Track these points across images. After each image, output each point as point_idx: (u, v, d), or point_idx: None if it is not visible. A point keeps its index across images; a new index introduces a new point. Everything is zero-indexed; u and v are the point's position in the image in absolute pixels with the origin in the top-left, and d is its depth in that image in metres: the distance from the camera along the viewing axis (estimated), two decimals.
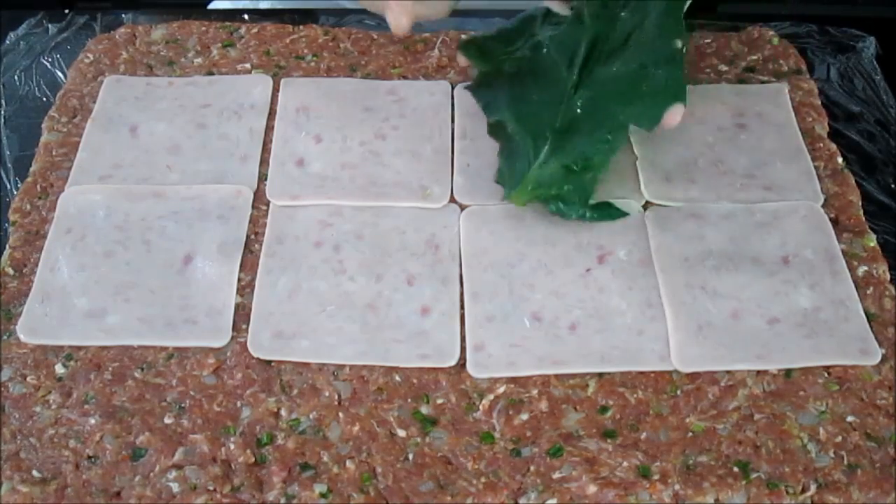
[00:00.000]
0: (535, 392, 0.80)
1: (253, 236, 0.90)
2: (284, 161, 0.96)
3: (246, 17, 1.13)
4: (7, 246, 0.89)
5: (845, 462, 0.75)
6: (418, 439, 0.77)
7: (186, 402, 0.79)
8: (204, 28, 1.10)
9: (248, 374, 0.81)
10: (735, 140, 0.98)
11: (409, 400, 0.79)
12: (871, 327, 0.83)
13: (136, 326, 0.83)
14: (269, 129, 0.99)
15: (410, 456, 0.76)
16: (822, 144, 0.98)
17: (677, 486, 0.74)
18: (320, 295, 0.85)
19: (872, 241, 0.90)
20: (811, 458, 0.75)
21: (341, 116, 0.99)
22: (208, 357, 0.81)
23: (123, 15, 1.13)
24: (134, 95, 1.02)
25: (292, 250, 0.88)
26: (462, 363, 0.81)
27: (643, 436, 0.77)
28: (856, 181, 0.95)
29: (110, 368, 0.81)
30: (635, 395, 0.79)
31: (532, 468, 0.75)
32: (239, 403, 0.79)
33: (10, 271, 0.87)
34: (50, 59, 1.08)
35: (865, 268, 0.88)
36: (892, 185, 0.97)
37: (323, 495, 0.74)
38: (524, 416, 0.78)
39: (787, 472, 0.74)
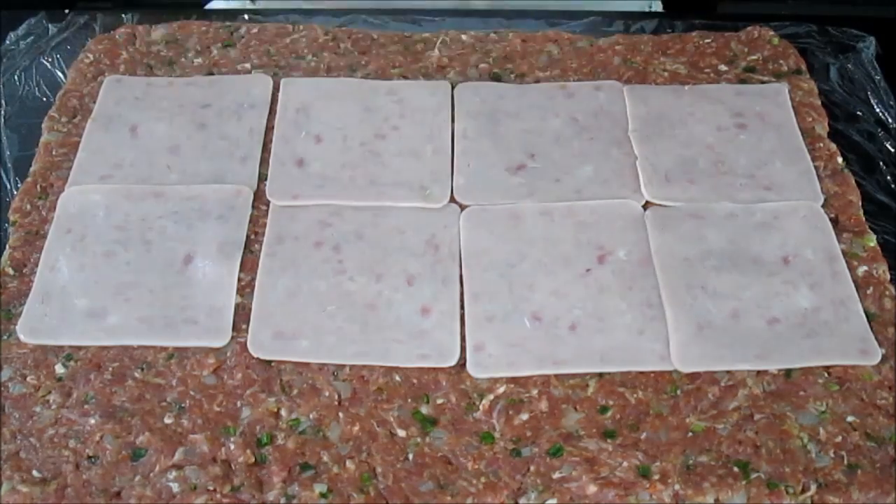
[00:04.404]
0: (535, 392, 0.80)
1: (253, 236, 0.90)
2: (284, 161, 0.96)
3: (246, 17, 1.13)
4: (7, 246, 0.89)
5: (845, 462, 0.75)
6: (418, 439, 0.77)
7: (186, 402, 0.79)
8: (204, 28, 1.10)
9: (248, 374, 0.81)
10: (735, 140, 0.97)
11: (409, 400, 0.79)
12: (871, 327, 0.83)
13: (136, 326, 0.83)
14: (269, 129, 0.99)
15: (410, 456, 0.76)
16: (822, 144, 0.98)
17: (677, 486, 0.74)
18: (320, 295, 0.85)
19: (872, 241, 0.90)
20: (811, 458, 0.75)
21: (341, 116, 0.99)
22: (208, 357, 0.81)
23: (123, 15, 1.13)
24: (134, 95, 1.02)
25: (292, 250, 0.88)
26: (462, 363, 0.81)
27: (643, 436, 0.77)
28: (856, 181, 0.95)
29: (110, 368, 0.81)
30: (635, 395, 0.79)
31: (532, 468, 0.75)
32: (239, 403, 0.79)
33: (10, 271, 0.87)
34: (50, 59, 1.08)
35: (865, 268, 0.88)
36: (892, 185, 0.97)
37: (323, 495, 0.74)
38: (524, 416, 0.78)
39: (788, 472, 0.74)
